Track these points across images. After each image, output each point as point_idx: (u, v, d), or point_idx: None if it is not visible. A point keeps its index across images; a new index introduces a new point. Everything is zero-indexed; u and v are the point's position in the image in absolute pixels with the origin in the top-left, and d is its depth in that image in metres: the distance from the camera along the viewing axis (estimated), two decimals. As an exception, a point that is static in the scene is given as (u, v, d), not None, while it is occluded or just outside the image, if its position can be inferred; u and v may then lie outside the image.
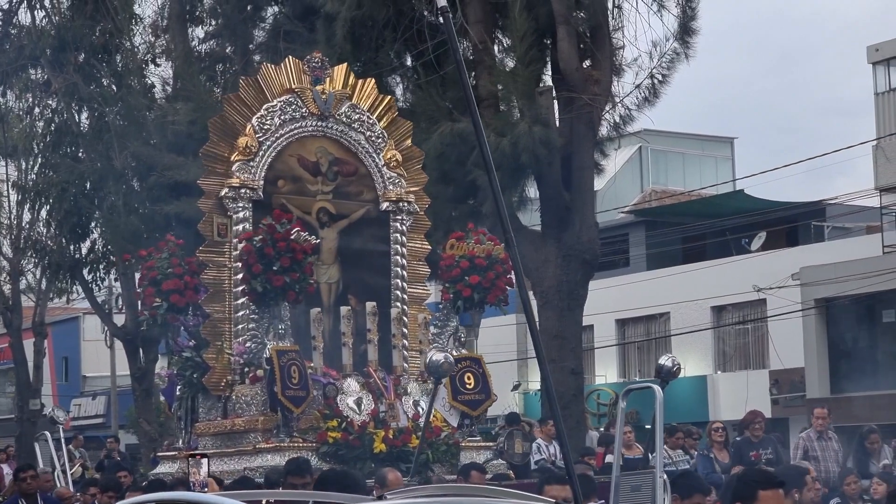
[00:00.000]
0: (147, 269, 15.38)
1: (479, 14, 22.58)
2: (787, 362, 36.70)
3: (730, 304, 38.92)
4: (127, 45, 29.65)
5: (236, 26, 26.98)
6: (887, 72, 37.30)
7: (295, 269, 13.97)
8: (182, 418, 15.42)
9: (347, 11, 21.57)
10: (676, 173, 50.99)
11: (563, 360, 22.07)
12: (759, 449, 16.59)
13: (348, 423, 14.05)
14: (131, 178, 28.68)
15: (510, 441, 18.32)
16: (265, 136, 15.06)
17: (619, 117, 23.52)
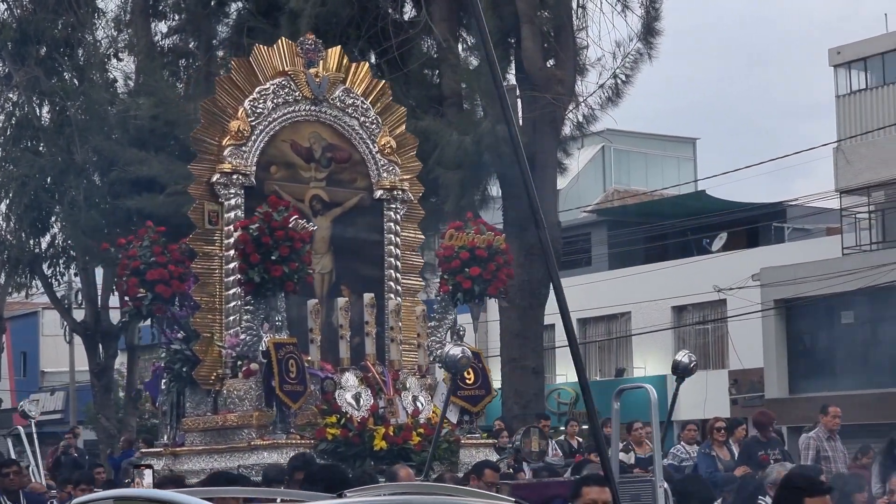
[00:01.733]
0: (128, 259, 14.64)
1: (443, 12, 22.60)
2: (747, 362, 36.85)
3: (690, 305, 39.04)
4: (89, 39, 29.50)
5: (200, 21, 26.87)
6: (848, 75, 37.49)
7: (293, 258, 13.50)
8: (167, 413, 14.86)
9: (312, 8, 21.53)
10: (639, 173, 51.12)
11: (524, 360, 22.13)
12: (767, 449, 16.20)
13: (347, 419, 13.58)
14: (92, 172, 28.55)
15: (527, 438, 17.83)
16: (258, 121, 14.62)
17: (582, 117, 23.60)
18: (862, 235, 36.44)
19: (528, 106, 22.42)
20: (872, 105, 36.78)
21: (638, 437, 18.19)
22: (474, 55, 22.73)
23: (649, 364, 41.14)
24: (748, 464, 15.71)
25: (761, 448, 16.25)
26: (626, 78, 23.34)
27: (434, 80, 23.49)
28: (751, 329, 35.82)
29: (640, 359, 41.39)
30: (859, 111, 36.94)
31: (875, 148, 35.75)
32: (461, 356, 12.41)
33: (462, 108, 22.12)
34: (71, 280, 38.26)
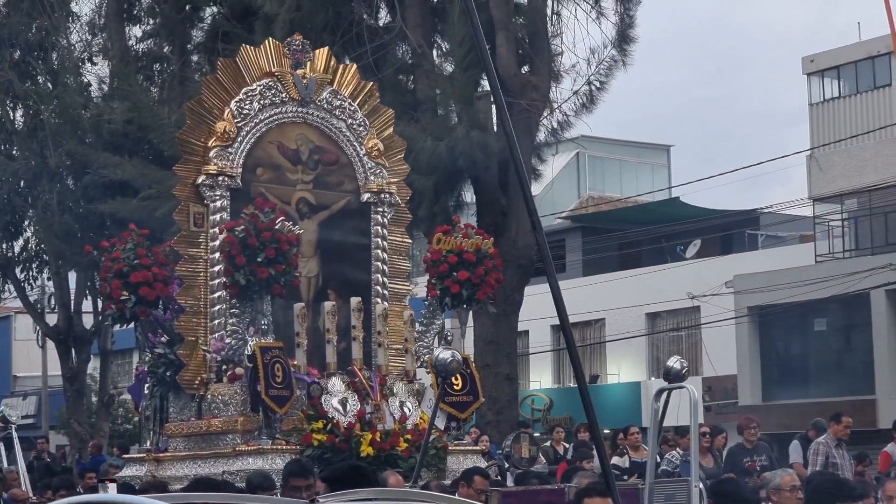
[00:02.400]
0: (111, 261, 14.46)
1: (418, 18, 22.62)
2: (720, 369, 36.95)
3: (664, 311, 39.14)
4: (63, 42, 29.43)
5: (174, 26, 26.83)
6: (822, 83, 37.65)
7: (280, 260, 13.27)
8: (151, 418, 14.56)
9: (286, 13, 21.51)
10: (613, 180, 51.23)
11: (497, 366, 22.13)
12: (753, 456, 16.17)
13: (334, 424, 13.38)
14: (66, 176, 28.48)
15: (517, 444, 17.87)
16: (244, 122, 14.40)
17: (556, 123, 23.66)
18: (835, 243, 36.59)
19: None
20: (845, 113, 36.95)
21: (634, 442, 18.11)
22: (448, 61, 22.75)
23: (623, 370, 41.23)
24: (734, 471, 15.60)
25: (746, 455, 16.21)
26: (600, 84, 23.43)
27: (408, 86, 23.52)
28: (724, 336, 35.92)
29: (614, 365, 41.47)
30: (832, 119, 37.11)
31: (848, 156, 35.91)
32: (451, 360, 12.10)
33: (436, 113, 22.13)
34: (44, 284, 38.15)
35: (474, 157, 21.13)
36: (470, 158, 21.08)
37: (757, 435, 16.65)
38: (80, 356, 32.98)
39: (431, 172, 20.87)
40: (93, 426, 33.17)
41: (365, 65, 22.01)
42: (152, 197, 23.45)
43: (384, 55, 22.67)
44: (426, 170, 20.58)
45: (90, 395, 38.88)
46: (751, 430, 16.56)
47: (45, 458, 27.62)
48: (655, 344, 40.80)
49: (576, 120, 23.79)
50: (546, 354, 41.19)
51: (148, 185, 23.66)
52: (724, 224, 40.54)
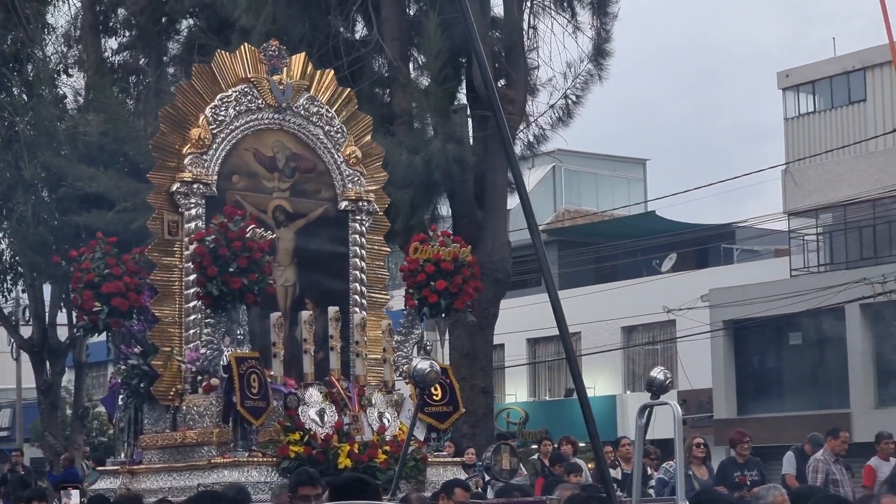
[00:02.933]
0: (81, 271, 14.18)
1: (394, 32, 22.63)
2: (696, 383, 37.03)
3: (640, 325, 39.23)
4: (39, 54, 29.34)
5: (150, 38, 26.78)
6: (797, 97, 37.81)
7: (253, 269, 13.01)
8: (125, 430, 14.34)
9: (262, 26, 21.47)
10: (589, 194, 51.32)
11: (473, 379, 22.12)
12: (744, 470, 16.03)
13: (311, 436, 13.14)
14: (41, 188, 28.38)
15: (497, 456, 17.53)
16: (219, 128, 14.14)
17: (532, 137, 23.69)
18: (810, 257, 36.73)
19: (478, 125, 22.49)
20: (821, 128, 37.10)
21: (625, 454, 18.00)
22: (424, 75, 22.76)
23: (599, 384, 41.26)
24: (724, 485, 15.47)
25: (737, 469, 16.07)
26: (576, 98, 23.47)
27: (384, 99, 23.51)
28: (700, 350, 36.00)
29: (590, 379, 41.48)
30: (808, 134, 37.26)
31: (823, 170, 36.06)
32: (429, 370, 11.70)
33: (412, 127, 22.13)
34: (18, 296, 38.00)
35: (450, 171, 21.13)
36: (446, 172, 21.08)
37: (749, 449, 16.49)
38: (55, 368, 32.85)
39: (407, 186, 20.85)
40: (67, 439, 33.03)
41: (341, 77, 21.99)
42: (128, 209, 23.37)
43: (360, 68, 22.67)
44: (402, 183, 20.57)
45: (64, 407, 38.72)
46: (743, 445, 16.39)
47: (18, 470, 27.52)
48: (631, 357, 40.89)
49: (552, 134, 23.84)
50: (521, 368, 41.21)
51: (123, 198, 23.57)
52: (700, 238, 40.65)
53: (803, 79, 37.63)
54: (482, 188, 22.37)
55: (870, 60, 36.03)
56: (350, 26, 23.42)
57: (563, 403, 40.78)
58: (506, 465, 17.33)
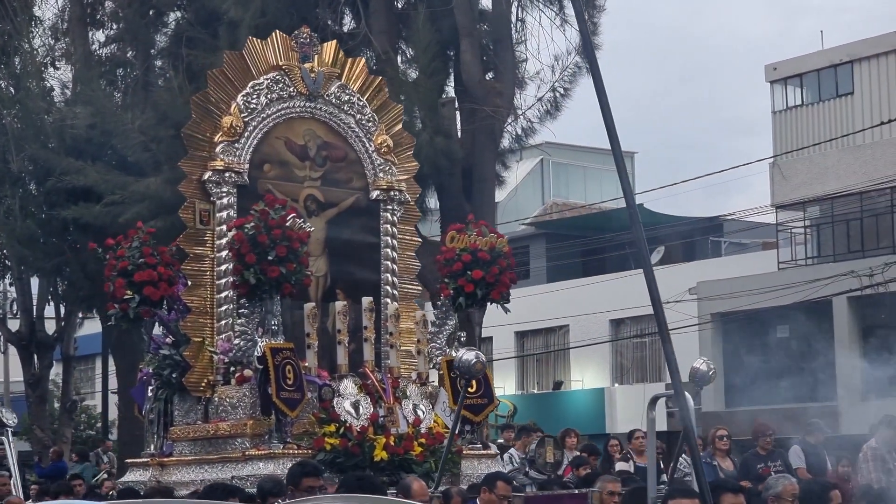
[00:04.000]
0: (116, 259, 14.07)
1: (382, 25, 22.63)
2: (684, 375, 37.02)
3: (628, 318, 39.23)
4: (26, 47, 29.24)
5: (138, 31, 26.72)
6: (784, 90, 37.82)
7: (291, 259, 12.88)
8: (154, 422, 14.15)
9: (251, 19, 21.46)
10: (577, 186, 51.32)
11: (461, 371, 22.09)
12: (767, 462, 15.80)
13: (346, 428, 12.97)
14: (28, 181, 28.30)
15: (541, 449, 17.35)
16: (251, 116, 14.06)
17: (520, 129, 23.72)
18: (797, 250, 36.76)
19: (466, 118, 22.50)
20: (808, 121, 37.13)
21: (638, 446, 17.70)
22: (413, 67, 22.77)
23: (587, 377, 41.29)
24: (747, 478, 15.25)
25: (760, 461, 15.86)
26: (564, 91, 23.51)
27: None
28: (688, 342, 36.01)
29: (578, 372, 41.53)
30: (795, 127, 37.28)
31: (811, 164, 36.09)
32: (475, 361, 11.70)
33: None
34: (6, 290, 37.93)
35: (438, 164, 21.14)
36: (434, 165, 21.09)
37: (772, 442, 16.26)
38: (43, 362, 32.80)
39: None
40: (55, 432, 32.99)
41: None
42: (116, 202, 23.34)
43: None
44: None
45: (52, 401, 38.67)
46: (766, 439, 16.18)
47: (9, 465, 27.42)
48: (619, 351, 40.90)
49: (540, 126, 23.88)
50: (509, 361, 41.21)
51: (111, 191, 23.54)
52: (688, 231, 40.68)
53: (791, 72, 37.64)
54: (470, 181, 22.38)
55: (857, 53, 36.06)
56: (338, 19, 23.42)
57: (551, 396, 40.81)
58: (549, 458, 17.11)
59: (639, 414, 37.39)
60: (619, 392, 40.18)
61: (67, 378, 34.81)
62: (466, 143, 22.28)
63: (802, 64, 37.52)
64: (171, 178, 23.01)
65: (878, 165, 34.21)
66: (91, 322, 36.50)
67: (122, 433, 29.30)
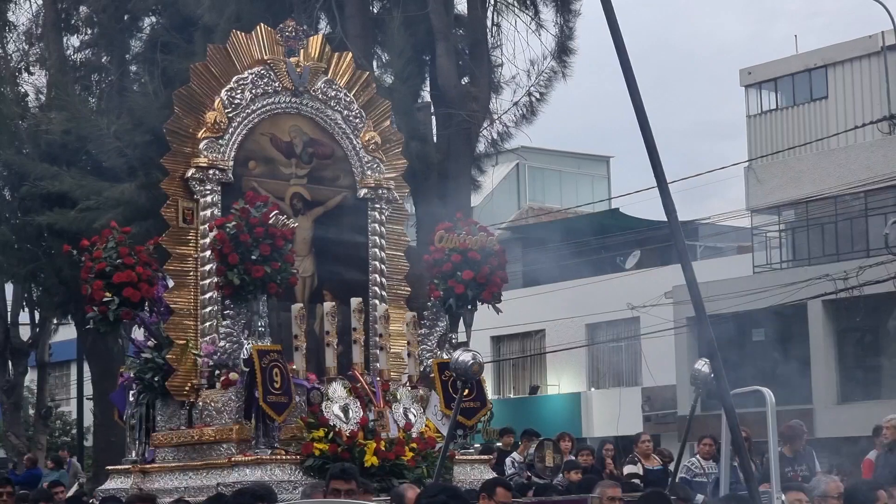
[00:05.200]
0: (92, 261, 13.62)
1: (358, 29, 22.59)
2: (660, 380, 37.15)
3: (604, 322, 39.31)
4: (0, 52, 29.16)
5: (113, 36, 26.64)
6: (759, 95, 37.97)
7: (275, 257, 12.49)
8: (136, 427, 13.65)
9: (226, 24, 21.39)
10: (553, 191, 51.40)
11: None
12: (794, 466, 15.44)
13: (336, 433, 12.57)
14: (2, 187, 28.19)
15: (540, 453, 17.11)
16: (235, 112, 13.67)
17: (496, 134, 23.70)
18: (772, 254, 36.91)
19: (442, 123, 22.49)
20: (783, 125, 37.28)
21: (645, 449, 17.60)
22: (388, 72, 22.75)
23: (563, 381, 41.34)
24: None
25: (788, 465, 15.44)
26: (540, 96, 23.50)
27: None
28: (663, 346, 36.11)
29: (555, 376, 41.59)
30: (770, 131, 37.43)
31: (785, 167, 36.23)
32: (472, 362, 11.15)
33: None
34: (-21, 296, 37.79)
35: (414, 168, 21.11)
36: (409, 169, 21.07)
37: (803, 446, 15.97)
38: (17, 368, 32.69)
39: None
40: (30, 439, 32.88)
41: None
42: (91, 208, 23.26)
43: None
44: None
45: (27, 407, 38.53)
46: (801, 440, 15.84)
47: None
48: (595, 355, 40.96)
49: (516, 131, 23.86)
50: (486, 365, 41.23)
51: (86, 196, 23.45)
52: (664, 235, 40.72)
53: (765, 76, 37.80)
54: (446, 186, 22.37)
55: (832, 58, 36.23)
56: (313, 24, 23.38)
57: (527, 401, 40.84)
58: (549, 462, 16.86)
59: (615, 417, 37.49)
60: (596, 396, 40.24)
61: (42, 384, 34.71)
62: (442, 148, 22.25)
63: (777, 68, 37.69)
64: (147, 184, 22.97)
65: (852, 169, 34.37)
66: (66, 328, 36.37)
67: (97, 440, 29.20)
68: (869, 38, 35.13)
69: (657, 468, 16.65)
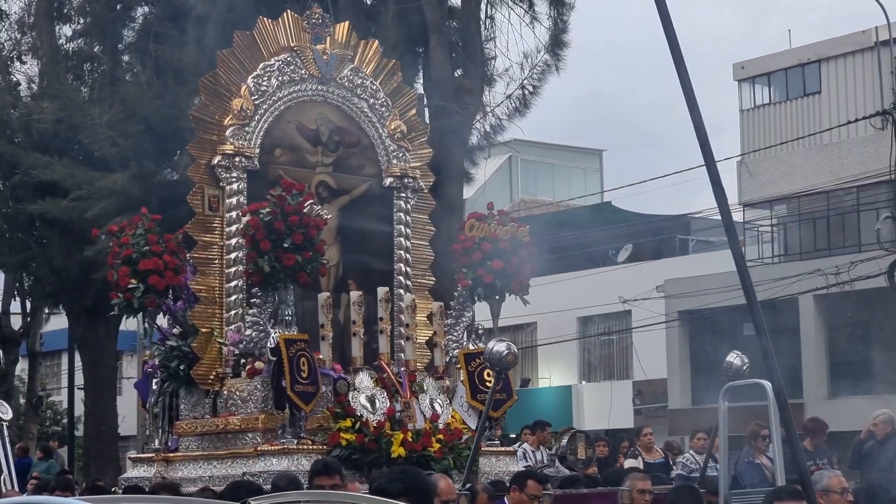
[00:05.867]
0: (120, 247, 13.55)
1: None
2: (651, 373, 37.16)
3: (596, 315, 39.31)
4: (-8, 41, 29.10)
5: (105, 25, 26.60)
6: (752, 89, 37.95)
7: (307, 247, 12.33)
8: (160, 416, 13.55)
9: (219, 14, 21.37)
10: (545, 184, 51.40)
11: (429, 369, 22.09)
12: (816, 459, 15.16)
13: (363, 423, 12.45)
14: (-6, 176, 28.15)
15: (572, 445, 16.87)
16: (262, 99, 13.55)
17: (489, 126, 23.71)
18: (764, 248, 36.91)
19: (435, 115, 22.47)
20: (776, 119, 37.27)
21: (647, 443, 17.39)
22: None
23: (554, 374, 41.35)
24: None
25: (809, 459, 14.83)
26: (533, 89, 23.51)
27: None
28: (655, 340, 36.12)
29: (546, 369, 41.59)
30: (763, 125, 37.42)
31: (778, 162, 36.23)
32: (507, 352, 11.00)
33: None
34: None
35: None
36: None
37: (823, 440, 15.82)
38: (8, 357, 32.67)
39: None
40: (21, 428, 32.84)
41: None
42: (82, 198, 23.24)
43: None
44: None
45: (18, 396, 38.48)
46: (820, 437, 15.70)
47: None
48: (587, 348, 40.98)
49: (508, 124, 23.87)
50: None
51: (78, 186, 23.44)
52: (656, 229, 40.78)
53: (759, 70, 37.78)
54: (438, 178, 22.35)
55: (825, 53, 36.21)
56: (306, 15, 23.37)
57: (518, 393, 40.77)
58: (581, 454, 16.68)
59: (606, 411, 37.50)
60: (587, 389, 40.25)
61: (33, 374, 34.67)
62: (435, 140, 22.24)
63: (770, 63, 37.67)
64: (138, 174, 22.98)
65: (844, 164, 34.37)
66: (57, 318, 36.34)
67: (88, 429, 29.18)
68: (862, 33, 35.12)
69: (658, 461, 16.47)
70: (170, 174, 24.18)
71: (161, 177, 23.67)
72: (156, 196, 22.23)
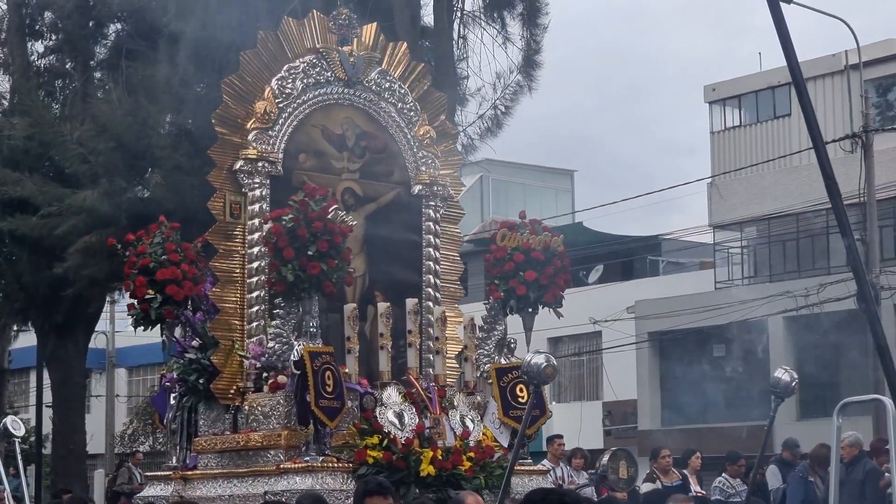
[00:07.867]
0: (137, 256, 13.11)
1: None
2: (620, 394, 37.19)
3: (566, 336, 39.32)
4: (-37, 56, 28.98)
5: (77, 42, 26.53)
6: (723, 111, 38.13)
7: (332, 255, 11.79)
8: (177, 432, 13.07)
9: (192, 32, 21.33)
10: (517, 204, 51.42)
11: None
12: None
13: (391, 440, 11.90)
14: (-36, 192, 28.01)
15: (614, 464, 16.40)
16: (286, 102, 13.02)
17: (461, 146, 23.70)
18: (734, 270, 37.04)
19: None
20: (746, 142, 37.45)
21: (664, 465, 16.58)
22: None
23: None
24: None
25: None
26: (505, 109, 23.55)
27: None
28: (625, 361, 36.18)
29: (516, 389, 41.53)
30: (733, 147, 37.59)
31: (748, 184, 36.38)
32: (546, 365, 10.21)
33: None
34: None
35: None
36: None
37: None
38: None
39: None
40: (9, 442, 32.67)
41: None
42: (52, 214, 23.15)
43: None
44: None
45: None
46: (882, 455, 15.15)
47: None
48: (557, 368, 41.00)
49: (481, 143, 23.90)
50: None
51: (48, 203, 23.35)
52: (626, 250, 40.87)
53: (729, 93, 37.96)
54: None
55: (795, 76, 36.39)
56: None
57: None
58: (623, 473, 16.21)
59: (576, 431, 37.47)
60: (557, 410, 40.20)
61: (1, 391, 34.45)
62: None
63: (741, 85, 37.86)
64: (109, 191, 22.89)
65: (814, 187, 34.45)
66: (25, 335, 36.15)
67: (56, 447, 29.02)
68: (832, 56, 35.33)
69: (676, 483, 15.94)
70: (140, 192, 24.08)
71: (131, 194, 23.53)
72: (126, 213, 22.16)
